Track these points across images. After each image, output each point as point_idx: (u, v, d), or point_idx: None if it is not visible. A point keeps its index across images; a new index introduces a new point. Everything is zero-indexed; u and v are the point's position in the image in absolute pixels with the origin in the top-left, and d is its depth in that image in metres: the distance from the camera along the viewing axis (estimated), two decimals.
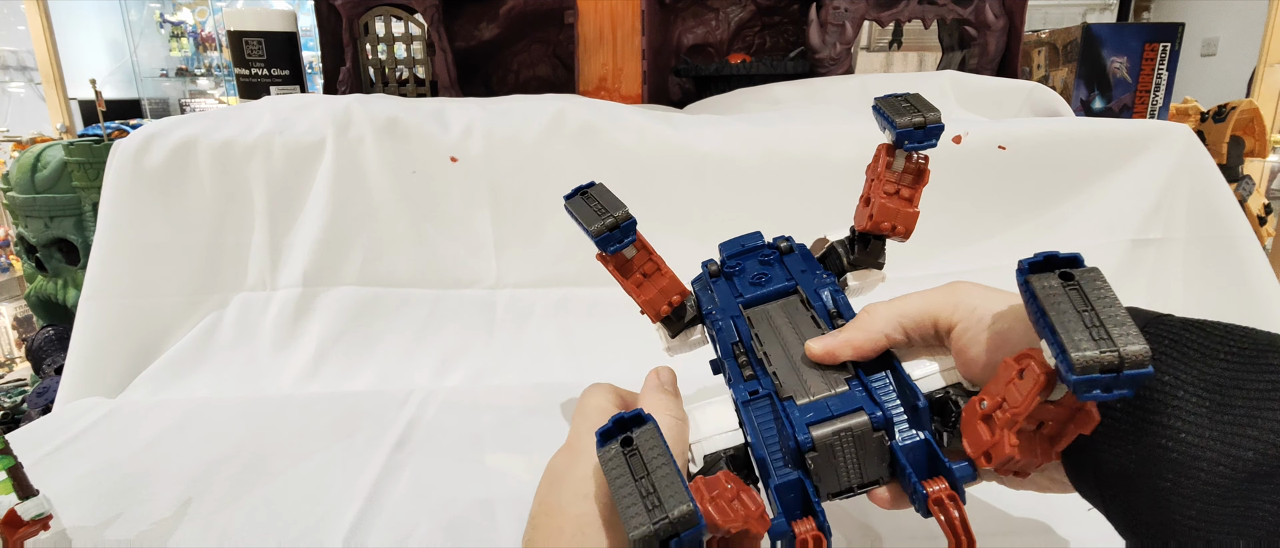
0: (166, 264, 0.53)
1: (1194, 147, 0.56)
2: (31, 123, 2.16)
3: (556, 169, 0.56)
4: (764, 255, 0.30)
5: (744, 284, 0.29)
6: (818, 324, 0.26)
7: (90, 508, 0.34)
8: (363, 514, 0.33)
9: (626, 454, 0.19)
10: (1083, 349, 0.17)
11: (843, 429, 0.21)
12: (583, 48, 0.74)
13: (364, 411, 0.44)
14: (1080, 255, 0.19)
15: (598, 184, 0.30)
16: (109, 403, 0.46)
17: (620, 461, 0.19)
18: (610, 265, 0.30)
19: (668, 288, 0.30)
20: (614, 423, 0.20)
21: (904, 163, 0.28)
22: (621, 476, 0.19)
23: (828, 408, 0.22)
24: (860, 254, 0.30)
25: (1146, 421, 0.18)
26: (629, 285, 0.31)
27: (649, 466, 0.19)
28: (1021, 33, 0.70)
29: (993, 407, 0.20)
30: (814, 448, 0.21)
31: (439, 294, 0.55)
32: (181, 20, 2.63)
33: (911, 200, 0.29)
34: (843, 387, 0.23)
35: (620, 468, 0.19)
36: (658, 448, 0.19)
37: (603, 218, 0.29)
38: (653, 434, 0.20)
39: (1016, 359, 0.20)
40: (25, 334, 1.60)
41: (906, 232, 0.29)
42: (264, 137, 0.54)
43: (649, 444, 0.19)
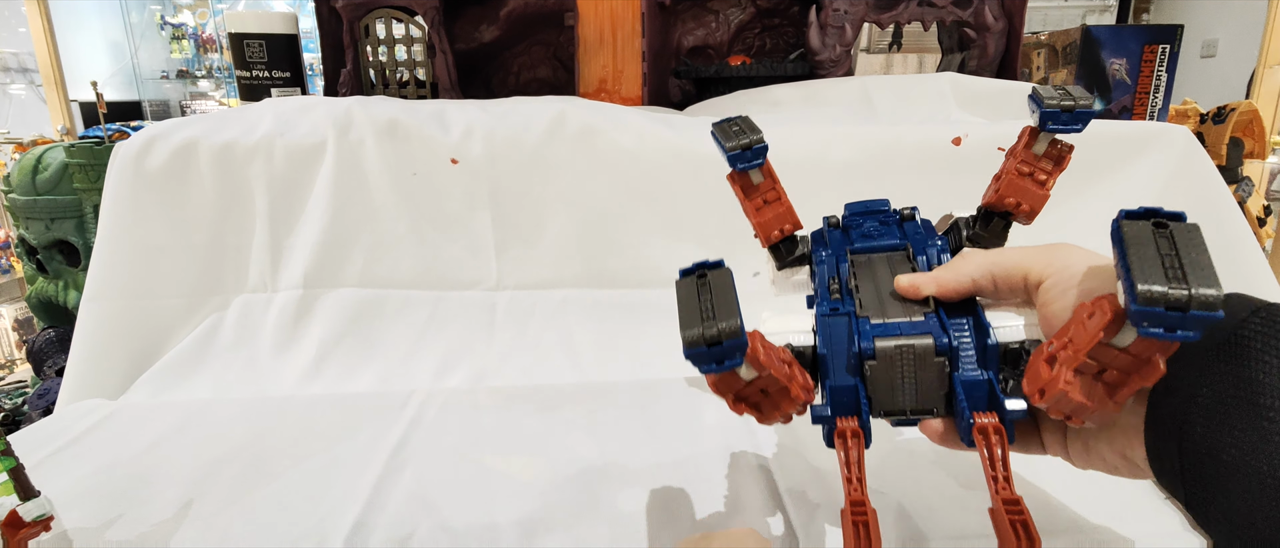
0: (167, 266, 0.53)
1: (1193, 148, 0.56)
2: (32, 125, 2.16)
3: (557, 171, 0.57)
4: (884, 217, 0.31)
5: (857, 236, 0.30)
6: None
7: (92, 509, 0.34)
8: (364, 515, 0.33)
9: (698, 284, 0.22)
10: (1150, 282, 0.17)
11: (905, 345, 0.23)
12: (583, 50, 0.75)
13: (365, 412, 0.44)
14: (1184, 213, 0.19)
15: (746, 116, 0.32)
16: (110, 405, 0.46)
17: (691, 286, 0.22)
18: (737, 185, 0.32)
19: (784, 215, 0.32)
20: (696, 265, 0.22)
21: (1046, 147, 0.28)
22: (689, 297, 0.21)
23: (898, 328, 0.24)
24: (981, 231, 0.29)
25: (1248, 405, 0.17)
26: (749, 206, 0.32)
27: (713, 291, 0.21)
28: (1021, 35, 0.71)
29: (1059, 348, 0.20)
30: (874, 357, 0.23)
31: (440, 296, 0.55)
32: (182, 22, 2.63)
33: (1045, 184, 0.28)
34: (919, 317, 0.24)
35: (690, 291, 0.21)
36: (725, 282, 0.21)
37: (738, 138, 0.30)
38: (724, 273, 0.22)
39: (1091, 303, 0.20)
40: (26, 336, 1.60)
41: (1032, 212, 0.28)
42: (265, 138, 0.54)
43: (718, 279, 0.22)
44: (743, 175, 0.31)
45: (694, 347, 0.20)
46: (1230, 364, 0.18)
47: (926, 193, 0.58)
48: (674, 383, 0.47)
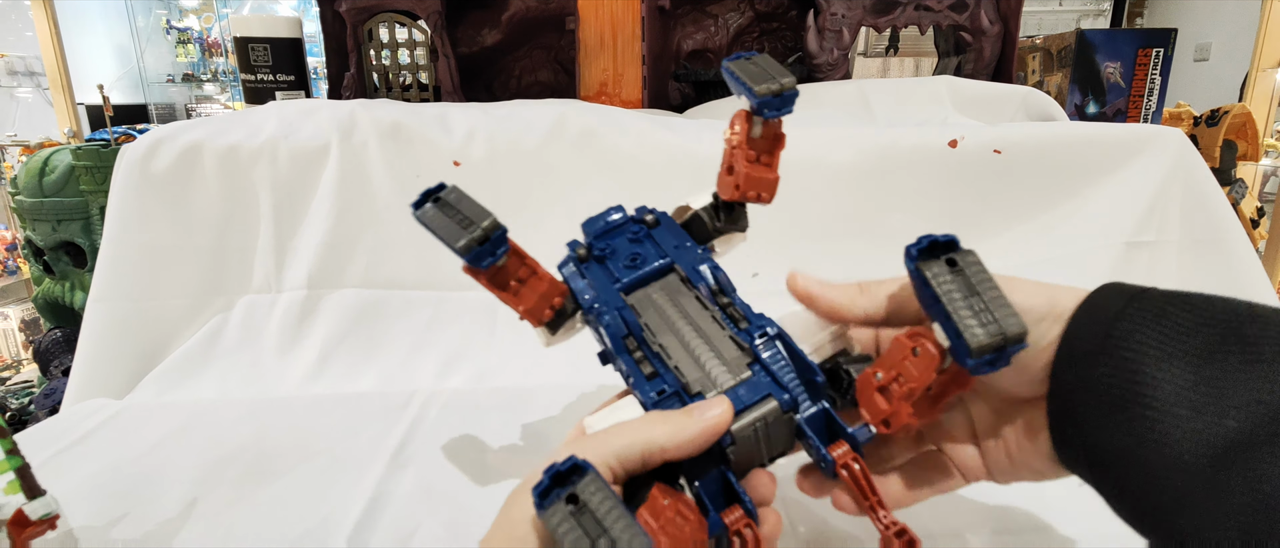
0: (173, 267, 0.53)
1: (1187, 151, 0.56)
2: (39, 128, 2.17)
3: (557, 173, 0.57)
4: (632, 232, 0.29)
5: (618, 267, 0.27)
6: (704, 305, 0.25)
7: (97, 508, 0.34)
8: (366, 515, 0.33)
9: (576, 514, 0.18)
10: (976, 334, 0.19)
11: (758, 419, 0.22)
12: (583, 53, 0.75)
13: (367, 412, 0.44)
14: (955, 237, 0.21)
15: (450, 186, 0.28)
16: (116, 404, 0.47)
17: (571, 522, 0.18)
18: (483, 279, 0.28)
19: (548, 292, 0.28)
20: (550, 478, 0.19)
21: (763, 130, 0.28)
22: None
23: (740, 399, 0.22)
24: (726, 221, 0.29)
25: (1131, 396, 0.18)
26: (506, 297, 0.28)
27: (602, 521, 0.18)
28: (1016, 38, 0.71)
29: (888, 380, 0.22)
30: (733, 442, 0.21)
31: (442, 296, 0.55)
32: (188, 26, 2.64)
33: (771, 166, 0.29)
34: (747, 373, 0.23)
35: (572, 529, 0.18)
36: (606, 499, 0.18)
37: (468, 231, 0.25)
38: (595, 483, 0.18)
39: (909, 337, 0.21)
40: (33, 336, 1.61)
41: (771, 197, 0.29)
42: (269, 141, 0.55)
43: (596, 497, 0.18)
44: (488, 268, 0.27)
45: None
46: (1114, 360, 0.18)
47: (923, 195, 0.58)
48: None
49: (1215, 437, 0.16)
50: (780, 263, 0.57)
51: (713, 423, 0.21)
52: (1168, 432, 0.17)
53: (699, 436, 0.21)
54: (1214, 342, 0.17)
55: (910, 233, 0.42)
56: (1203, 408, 0.16)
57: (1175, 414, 0.17)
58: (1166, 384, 0.17)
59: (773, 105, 0.26)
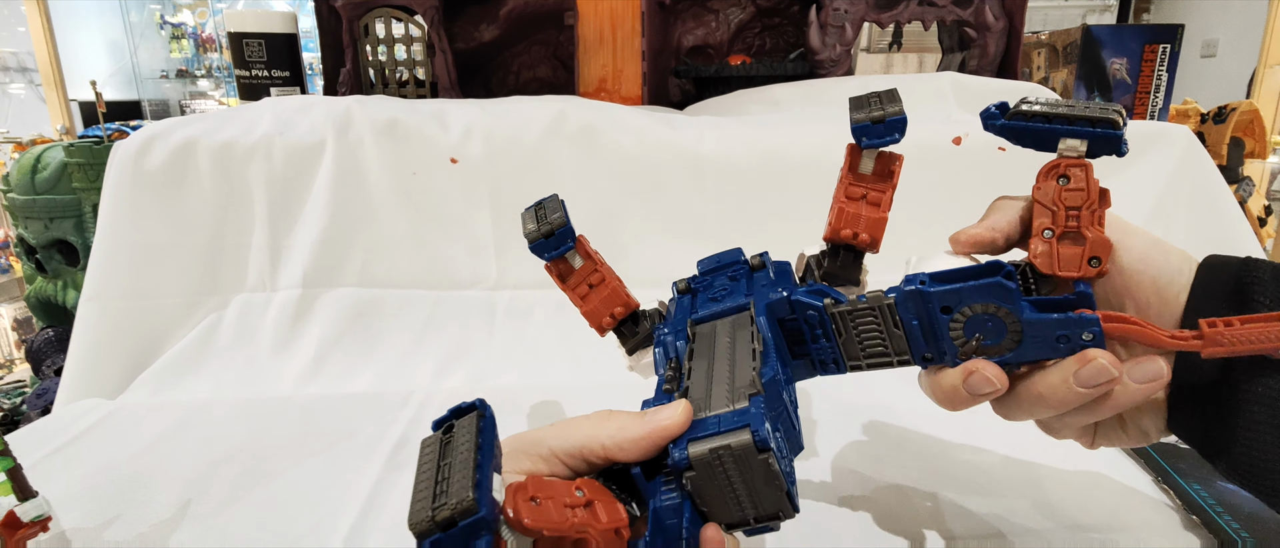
0: (166, 265, 0.53)
1: (1194, 148, 0.56)
2: (32, 124, 2.16)
3: (557, 170, 0.56)
4: (733, 271, 0.28)
5: (703, 301, 0.27)
6: (753, 339, 0.23)
7: (90, 509, 0.34)
8: (363, 516, 0.33)
9: (443, 442, 0.17)
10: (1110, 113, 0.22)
11: (722, 447, 0.18)
12: (583, 49, 0.74)
13: (364, 412, 0.44)
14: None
15: (553, 196, 0.31)
16: (108, 404, 0.46)
17: (434, 447, 0.17)
18: (553, 274, 0.30)
19: (610, 299, 0.30)
20: (451, 412, 0.19)
21: (872, 164, 0.27)
22: (427, 463, 0.17)
23: (718, 423, 0.19)
24: (831, 267, 0.27)
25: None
26: (573, 297, 0.31)
27: (454, 453, 0.17)
28: (1021, 34, 0.71)
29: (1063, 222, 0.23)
30: (691, 468, 0.18)
31: (439, 295, 0.55)
32: (182, 21, 2.63)
33: (880, 205, 0.26)
34: (743, 402, 0.20)
35: (430, 454, 0.17)
36: (469, 435, 0.17)
37: (539, 224, 0.29)
38: (470, 422, 0.18)
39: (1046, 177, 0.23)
40: (25, 336, 1.60)
41: (872, 240, 0.26)
42: (264, 138, 0.54)
43: (463, 432, 0.17)
44: (559, 262, 0.30)
45: (425, 535, 0.15)
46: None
47: (926, 192, 0.58)
48: None
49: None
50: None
51: (659, 425, 0.19)
52: None
53: (643, 437, 0.19)
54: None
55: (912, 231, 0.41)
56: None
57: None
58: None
59: (870, 133, 0.25)
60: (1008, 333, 0.22)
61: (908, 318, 0.23)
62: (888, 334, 0.23)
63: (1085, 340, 0.21)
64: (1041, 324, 0.21)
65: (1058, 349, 0.21)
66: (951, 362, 0.23)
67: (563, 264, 0.30)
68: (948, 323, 0.22)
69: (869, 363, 0.24)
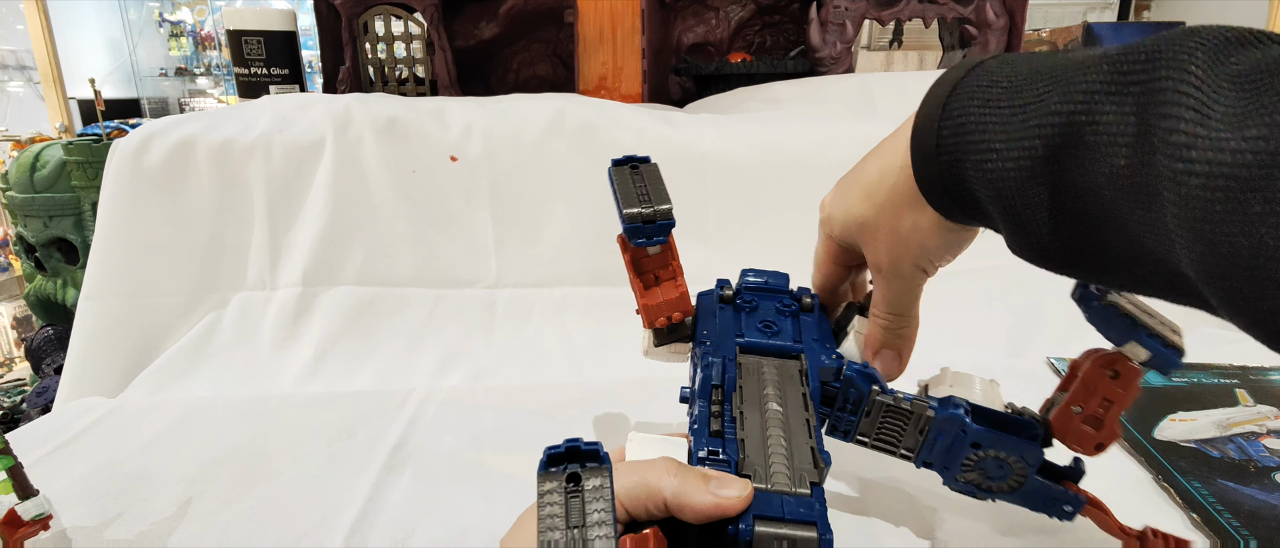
0: (166, 264, 0.53)
1: None
2: (30, 122, 2.16)
3: (556, 168, 0.56)
4: (783, 303, 0.28)
5: (751, 325, 0.27)
6: (806, 405, 0.23)
7: (90, 508, 0.34)
8: (363, 514, 0.33)
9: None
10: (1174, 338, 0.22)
11: (787, 536, 0.19)
12: (583, 47, 0.74)
13: (364, 410, 0.44)
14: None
15: (652, 162, 0.28)
16: (108, 403, 0.46)
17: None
18: (626, 256, 0.28)
19: (676, 301, 0.28)
20: (567, 447, 0.18)
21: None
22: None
23: (782, 506, 0.19)
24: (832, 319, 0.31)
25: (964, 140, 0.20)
26: (637, 285, 0.28)
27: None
28: (1022, 31, 0.70)
29: (1093, 410, 0.24)
30: (752, 545, 0.19)
31: (439, 294, 0.55)
32: (181, 19, 2.62)
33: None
34: (805, 490, 0.20)
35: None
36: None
37: (643, 205, 0.27)
38: (603, 481, 0.17)
39: (1102, 365, 0.24)
40: (25, 334, 1.60)
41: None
42: (263, 136, 0.54)
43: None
44: (638, 247, 0.27)
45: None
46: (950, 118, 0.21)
47: None
48: (673, 381, 0.46)
49: (1026, 158, 0.18)
50: (782, 261, 0.57)
51: (724, 499, 0.19)
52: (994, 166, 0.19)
53: (705, 505, 0.19)
54: (1024, 78, 0.19)
55: None
56: (1011, 138, 0.19)
57: (994, 148, 0.19)
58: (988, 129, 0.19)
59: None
60: (1011, 478, 0.25)
61: (936, 433, 0.26)
62: (909, 435, 0.26)
63: (1066, 510, 0.25)
64: (1045, 489, 0.25)
65: (1041, 506, 0.26)
66: (949, 480, 0.26)
67: (641, 249, 0.28)
68: (968, 452, 0.25)
69: (873, 444, 0.27)
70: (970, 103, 0.20)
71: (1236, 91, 0.14)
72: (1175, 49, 0.15)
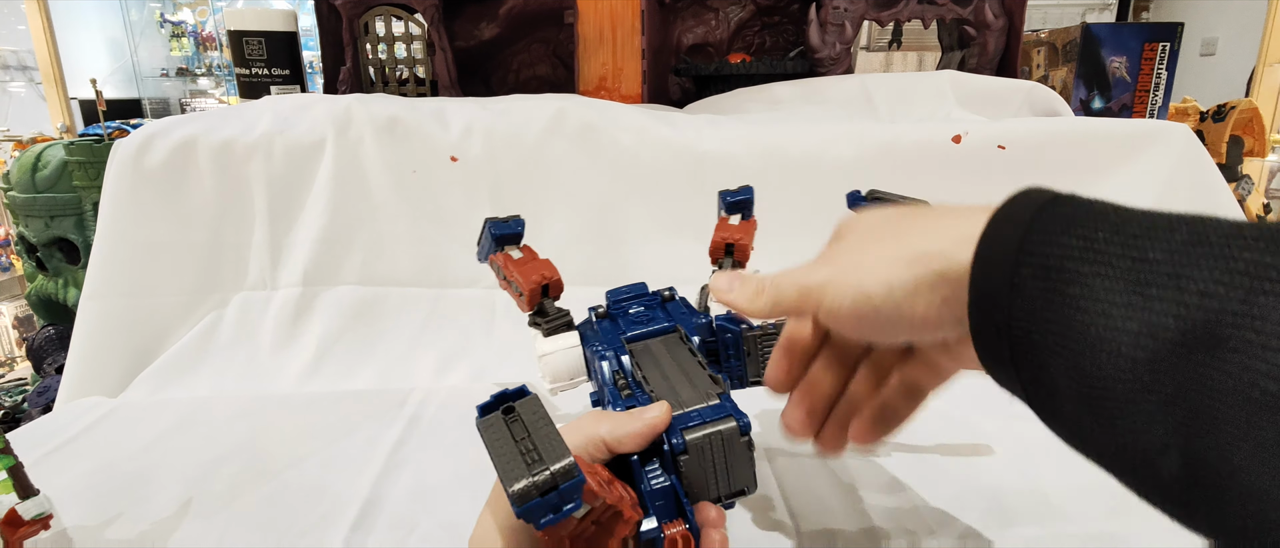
0: (167, 263, 0.53)
1: (1193, 146, 0.56)
2: (32, 122, 2.16)
3: (556, 168, 0.57)
4: (648, 300, 0.33)
5: (629, 324, 0.31)
6: (693, 353, 0.27)
7: (91, 507, 0.34)
8: (363, 514, 0.33)
9: (507, 421, 0.19)
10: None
11: (713, 433, 0.22)
12: (583, 47, 0.74)
13: (364, 410, 0.44)
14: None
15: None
16: (109, 402, 0.46)
17: (500, 425, 0.19)
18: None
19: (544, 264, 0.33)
20: (495, 398, 0.19)
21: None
22: (501, 439, 0.18)
23: (700, 416, 0.23)
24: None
25: (1056, 291, 0.15)
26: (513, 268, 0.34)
27: (530, 428, 0.18)
28: (1021, 32, 0.70)
29: None
30: (686, 451, 0.22)
31: (439, 293, 0.55)
32: (182, 20, 2.63)
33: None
34: (714, 399, 0.24)
35: (500, 432, 0.18)
36: (540, 413, 0.19)
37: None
38: (536, 403, 0.19)
39: None
40: (26, 334, 1.61)
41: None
42: (264, 136, 0.54)
43: (531, 411, 0.19)
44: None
45: (527, 500, 0.16)
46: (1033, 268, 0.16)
47: (926, 191, 0.58)
48: None
49: (1156, 336, 0.14)
50: (781, 261, 0.57)
51: (651, 420, 0.22)
52: (1101, 332, 0.14)
53: (637, 430, 0.22)
54: (1148, 229, 0.15)
55: None
56: (1140, 304, 0.14)
57: (1110, 311, 0.14)
58: (1096, 278, 0.15)
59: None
60: None
61: None
62: None
63: None
64: None
65: None
66: None
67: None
68: None
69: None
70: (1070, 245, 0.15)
71: None
72: None
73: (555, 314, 0.33)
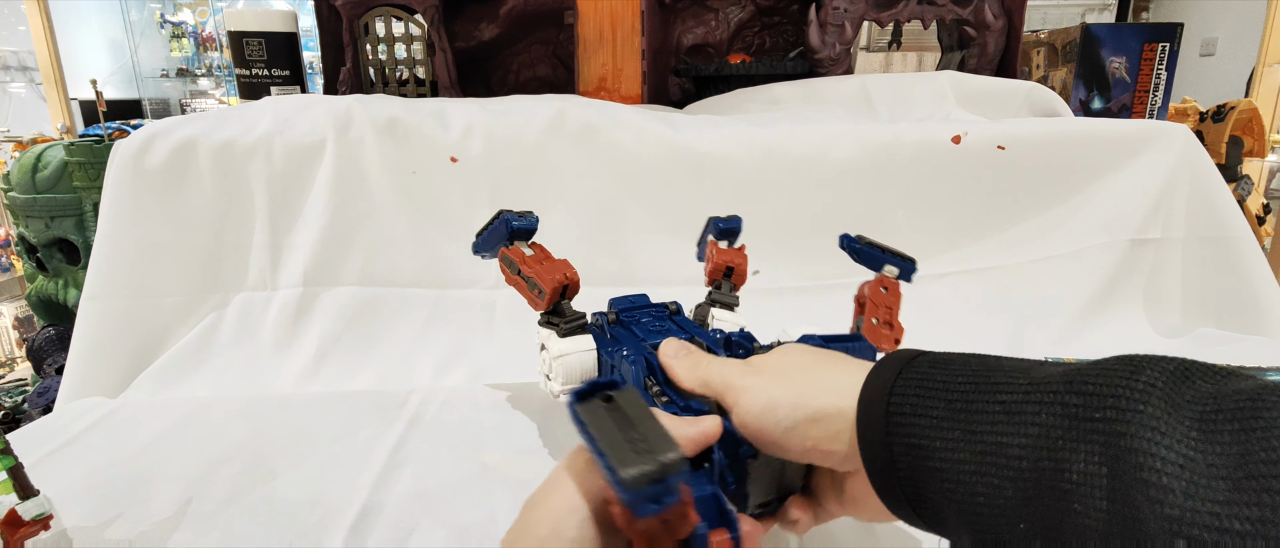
0: (167, 264, 0.53)
1: (1193, 147, 0.56)
2: (32, 123, 2.16)
3: (556, 169, 0.57)
4: (657, 312, 0.34)
5: (643, 332, 0.31)
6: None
7: (91, 508, 0.34)
8: (363, 514, 0.33)
9: (608, 408, 0.19)
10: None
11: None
12: (583, 48, 0.74)
13: (364, 410, 0.44)
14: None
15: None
16: (110, 403, 0.46)
17: (603, 412, 0.19)
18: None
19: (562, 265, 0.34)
20: (591, 385, 0.20)
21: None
22: (604, 425, 0.18)
23: None
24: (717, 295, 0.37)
25: (922, 464, 0.19)
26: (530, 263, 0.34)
27: (633, 419, 0.18)
28: (1020, 33, 0.70)
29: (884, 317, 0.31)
30: (755, 456, 0.23)
31: (439, 294, 0.55)
32: (182, 20, 2.63)
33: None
34: None
35: (603, 419, 0.18)
36: (641, 405, 0.19)
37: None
38: (635, 394, 0.19)
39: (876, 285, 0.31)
40: (26, 334, 1.61)
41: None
42: (264, 137, 0.54)
43: (631, 402, 0.19)
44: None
45: (637, 487, 0.16)
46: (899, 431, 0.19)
47: (925, 191, 0.58)
48: None
49: (999, 496, 0.17)
50: (781, 261, 0.57)
51: (706, 428, 0.23)
52: (960, 492, 0.18)
53: (697, 435, 0.22)
54: (971, 398, 0.18)
55: (912, 230, 0.42)
56: (981, 469, 0.17)
57: (962, 476, 0.18)
58: (944, 447, 0.18)
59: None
60: None
61: None
62: None
63: None
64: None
65: None
66: None
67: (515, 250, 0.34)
68: None
69: None
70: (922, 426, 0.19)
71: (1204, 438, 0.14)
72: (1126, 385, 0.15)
73: (573, 315, 0.33)
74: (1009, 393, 0.18)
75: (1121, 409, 0.15)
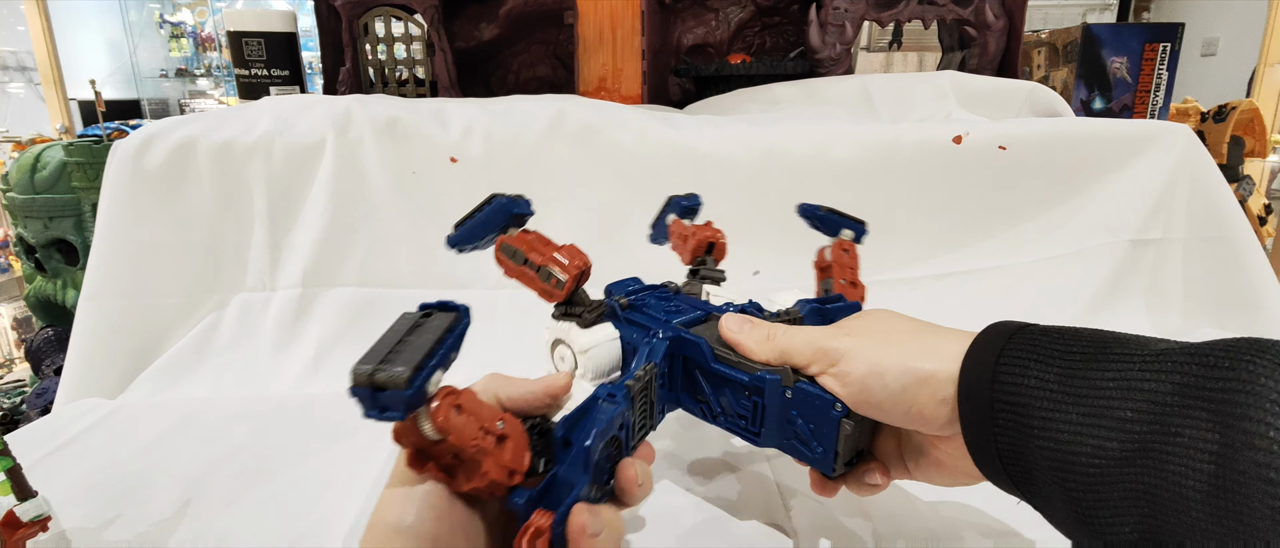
0: (166, 265, 0.53)
1: (1194, 147, 0.56)
2: (31, 123, 2.16)
3: (556, 169, 0.56)
4: (661, 293, 0.33)
5: (663, 313, 0.30)
6: None
7: (90, 509, 0.34)
8: (363, 515, 0.33)
9: (419, 320, 0.19)
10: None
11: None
12: (582, 48, 0.74)
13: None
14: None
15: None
16: (108, 404, 0.46)
17: (408, 322, 0.19)
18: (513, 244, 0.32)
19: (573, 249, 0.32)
20: (439, 303, 0.20)
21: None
22: (394, 331, 0.19)
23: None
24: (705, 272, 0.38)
25: (1023, 423, 0.19)
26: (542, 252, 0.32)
27: (420, 333, 0.19)
28: (1021, 33, 0.70)
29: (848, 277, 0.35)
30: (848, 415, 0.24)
31: (439, 294, 0.55)
32: (181, 21, 2.63)
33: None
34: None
35: (401, 325, 0.19)
36: (440, 327, 0.19)
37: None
38: (447, 320, 0.19)
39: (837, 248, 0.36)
40: (25, 335, 1.60)
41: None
42: (264, 137, 0.54)
43: (438, 322, 0.19)
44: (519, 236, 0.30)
45: (357, 386, 0.17)
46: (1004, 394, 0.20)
47: (926, 191, 0.58)
48: None
49: (1103, 454, 0.18)
50: (781, 261, 0.57)
51: (550, 384, 0.26)
52: (1062, 454, 0.18)
53: (538, 392, 0.25)
54: (1085, 367, 0.19)
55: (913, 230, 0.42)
56: (1087, 431, 0.18)
57: (1064, 437, 0.18)
58: (1049, 410, 0.19)
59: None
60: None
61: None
62: None
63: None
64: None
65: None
66: None
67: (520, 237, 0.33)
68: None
69: None
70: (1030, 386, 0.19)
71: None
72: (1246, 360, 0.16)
73: (593, 303, 0.30)
74: (1125, 363, 0.18)
75: (1242, 380, 0.16)
